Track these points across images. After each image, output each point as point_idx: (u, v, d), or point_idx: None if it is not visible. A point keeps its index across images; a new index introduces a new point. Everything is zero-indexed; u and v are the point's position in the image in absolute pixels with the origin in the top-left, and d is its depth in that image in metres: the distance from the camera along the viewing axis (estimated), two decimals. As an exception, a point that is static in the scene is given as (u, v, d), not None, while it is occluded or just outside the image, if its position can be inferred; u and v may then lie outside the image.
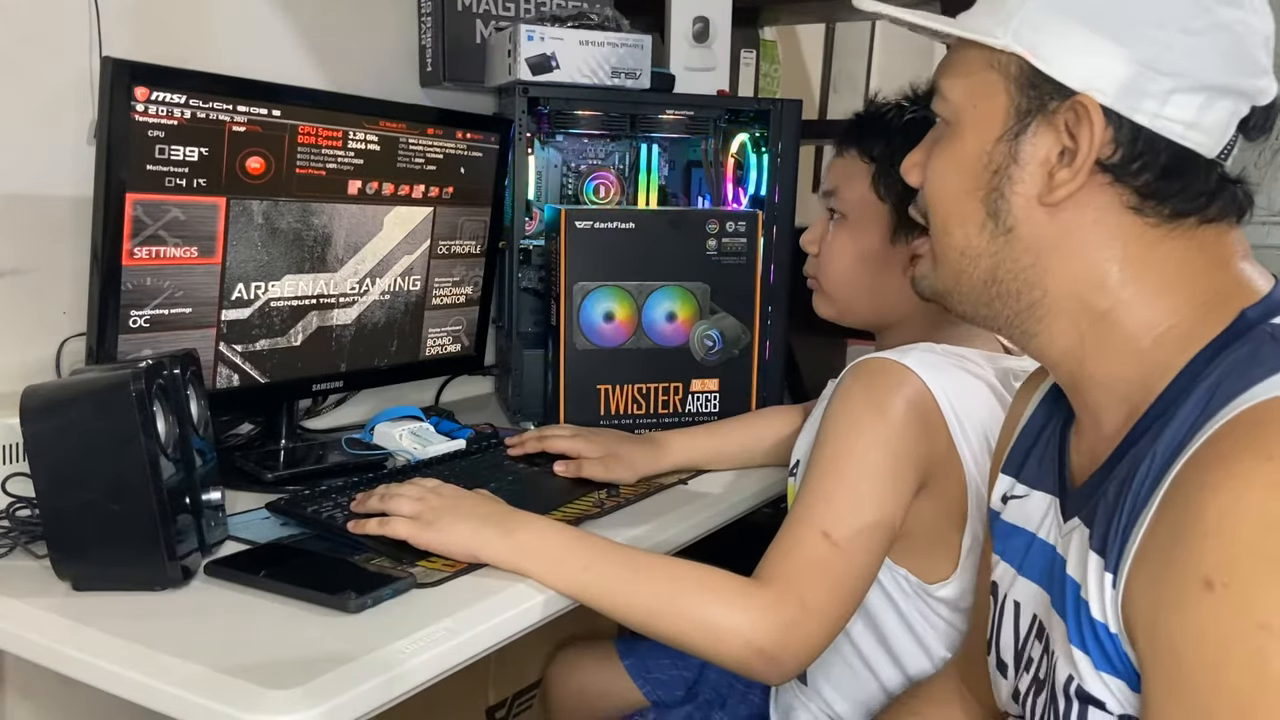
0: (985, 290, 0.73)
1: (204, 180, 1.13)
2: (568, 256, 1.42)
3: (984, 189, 0.71)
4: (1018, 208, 0.70)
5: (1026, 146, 0.69)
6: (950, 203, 0.73)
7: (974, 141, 0.71)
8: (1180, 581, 0.57)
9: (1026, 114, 0.68)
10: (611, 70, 1.55)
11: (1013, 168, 0.69)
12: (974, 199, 0.71)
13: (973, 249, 0.72)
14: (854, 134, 1.20)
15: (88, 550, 0.89)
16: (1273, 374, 0.60)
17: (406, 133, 1.34)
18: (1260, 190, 2.48)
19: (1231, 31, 0.66)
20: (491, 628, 0.89)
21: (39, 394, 0.89)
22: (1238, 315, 0.66)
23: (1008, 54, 0.68)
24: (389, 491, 1.01)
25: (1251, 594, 0.54)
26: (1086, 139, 0.66)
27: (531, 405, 1.57)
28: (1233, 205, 0.69)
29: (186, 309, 1.16)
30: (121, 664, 0.79)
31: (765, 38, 2.26)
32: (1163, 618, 0.59)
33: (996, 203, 0.70)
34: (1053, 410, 0.83)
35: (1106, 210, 0.68)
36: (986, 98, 0.70)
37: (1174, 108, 0.65)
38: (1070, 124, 0.67)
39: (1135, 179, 0.66)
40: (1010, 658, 0.81)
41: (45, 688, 1.25)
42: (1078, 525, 0.71)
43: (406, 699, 0.81)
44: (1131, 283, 0.68)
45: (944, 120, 0.74)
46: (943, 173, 0.74)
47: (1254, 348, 0.63)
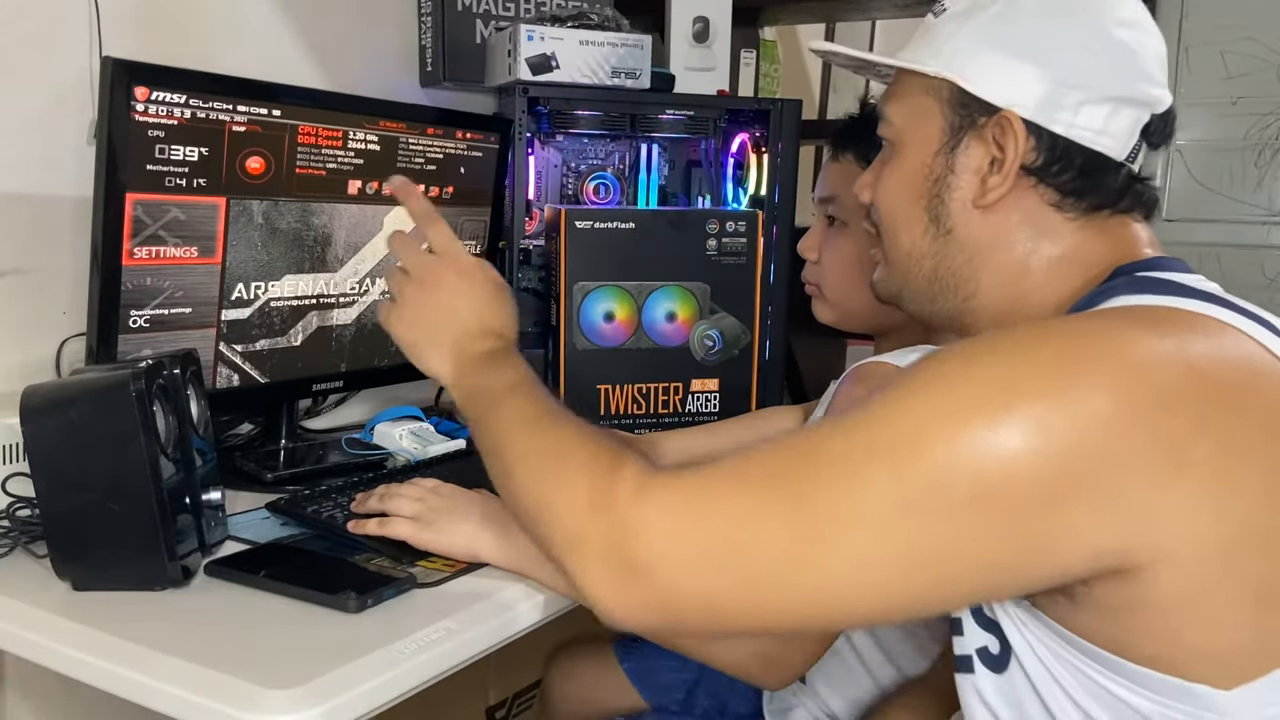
0: (929, 287, 0.83)
1: (204, 180, 1.13)
2: (568, 256, 1.42)
3: (926, 197, 0.81)
4: (955, 211, 0.80)
5: (960, 157, 0.79)
6: (897, 211, 0.83)
7: (915, 156, 0.81)
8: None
9: (959, 130, 0.78)
10: (611, 70, 1.55)
11: (950, 176, 0.79)
12: (918, 206, 0.81)
13: (917, 250, 0.82)
14: (849, 138, 1.20)
15: (88, 550, 0.89)
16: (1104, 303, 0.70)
17: (406, 133, 1.34)
18: (1260, 190, 2.47)
19: (1128, 49, 0.76)
20: (491, 628, 0.89)
21: (39, 394, 0.89)
22: (1112, 272, 0.75)
23: (940, 80, 0.79)
24: (389, 492, 1.01)
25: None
26: (1012, 148, 0.76)
27: (531, 405, 1.56)
28: (1140, 201, 0.78)
29: (186, 309, 1.16)
30: (121, 664, 0.79)
31: (765, 38, 2.26)
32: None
33: (937, 208, 0.80)
34: None
35: (1031, 209, 0.78)
36: (924, 119, 0.80)
37: (1084, 117, 0.75)
38: (997, 136, 0.76)
39: (1055, 179, 0.76)
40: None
41: (45, 688, 1.25)
42: None
43: (406, 699, 0.81)
44: (1048, 269, 0.78)
45: (889, 142, 0.84)
46: (891, 187, 0.83)
47: (1106, 289, 0.72)
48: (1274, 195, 2.18)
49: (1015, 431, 0.59)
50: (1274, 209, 2.18)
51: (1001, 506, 0.59)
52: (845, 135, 1.21)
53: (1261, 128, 2.17)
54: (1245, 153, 2.20)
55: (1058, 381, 0.61)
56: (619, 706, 1.40)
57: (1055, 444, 0.59)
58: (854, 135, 1.19)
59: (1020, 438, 0.59)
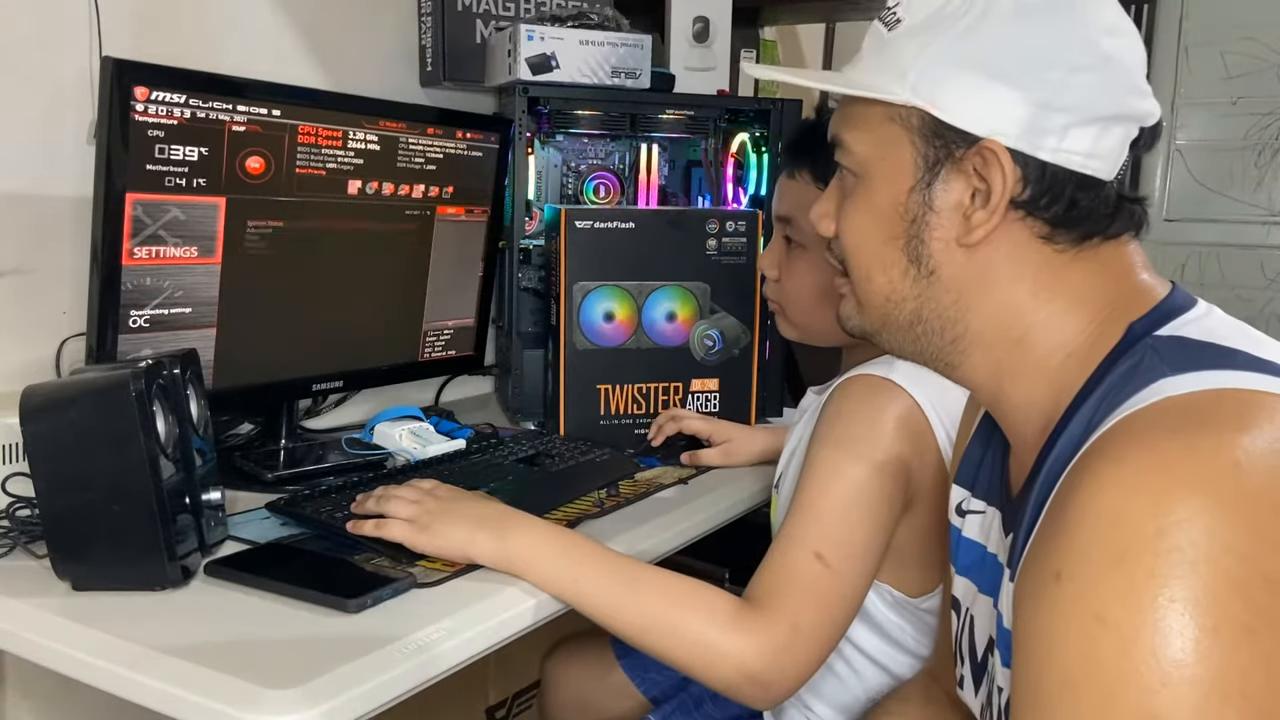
0: (911, 329, 0.76)
1: (204, 180, 1.13)
2: (568, 256, 1.42)
3: (903, 237, 0.73)
4: (937, 251, 0.72)
5: (939, 193, 0.71)
6: (870, 252, 0.75)
7: (886, 192, 0.73)
8: (1037, 576, 0.61)
9: (935, 163, 0.71)
10: (611, 70, 1.55)
11: (929, 214, 0.72)
12: (894, 247, 0.73)
13: (897, 293, 0.75)
14: (804, 155, 1.14)
15: (88, 550, 0.89)
16: (1143, 388, 0.63)
17: (406, 132, 1.34)
18: (1260, 190, 2.47)
19: (1116, 61, 0.69)
20: (491, 628, 0.89)
21: (39, 394, 0.89)
22: (1126, 329, 0.69)
23: (908, 107, 0.70)
24: (386, 493, 1.01)
25: (1090, 586, 0.57)
26: (999, 181, 0.68)
27: (531, 405, 1.57)
28: (1131, 220, 0.72)
29: (186, 309, 1.16)
30: (121, 664, 0.79)
31: (765, 38, 2.26)
32: (1021, 610, 0.63)
33: (917, 249, 0.73)
34: (994, 426, 0.84)
35: (1019, 243, 0.71)
36: (892, 150, 0.72)
37: (1072, 140, 0.68)
38: (979, 167, 0.69)
39: (1045, 211, 0.70)
40: (969, 671, 0.82)
41: (45, 688, 1.25)
42: (1010, 538, 0.74)
43: (406, 699, 0.81)
44: (1043, 307, 0.71)
45: (850, 172, 0.76)
46: (859, 224, 0.75)
47: (1135, 362, 0.66)
48: (1274, 195, 2.18)
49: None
50: (1274, 209, 2.18)
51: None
52: (798, 150, 1.15)
53: (1261, 128, 2.17)
54: (1245, 153, 2.20)
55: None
56: (617, 702, 1.41)
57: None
58: (808, 149, 1.13)
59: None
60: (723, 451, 1.38)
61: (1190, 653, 0.53)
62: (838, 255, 0.79)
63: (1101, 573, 0.56)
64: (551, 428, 1.47)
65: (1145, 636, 0.54)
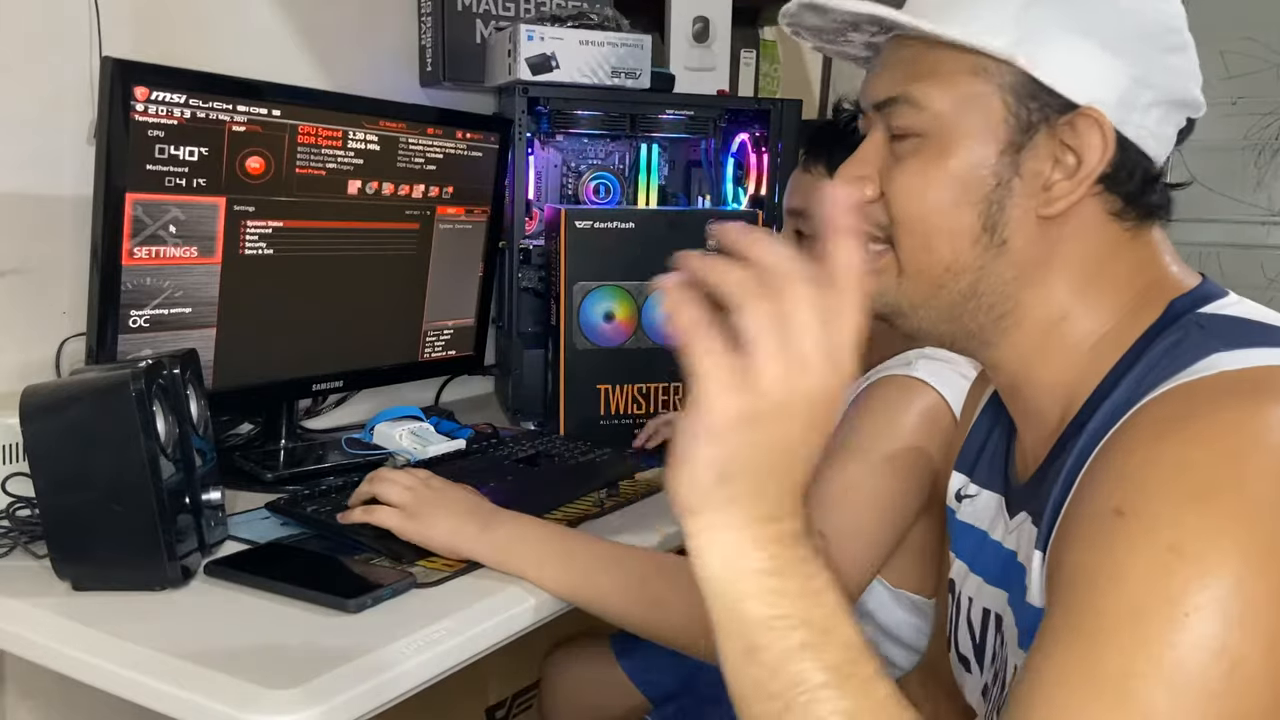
0: (962, 305, 0.71)
1: (204, 180, 1.13)
2: (568, 256, 1.42)
3: (982, 203, 0.69)
4: (1015, 220, 0.69)
5: (1029, 159, 0.68)
6: (937, 217, 0.70)
7: (967, 154, 0.68)
8: (1091, 515, 0.59)
9: (1028, 127, 0.67)
10: (611, 70, 1.55)
11: (1015, 181, 0.68)
12: (969, 212, 0.69)
13: (959, 263, 0.70)
14: (821, 149, 1.14)
15: (88, 550, 0.89)
16: (1195, 361, 0.62)
17: (406, 132, 1.34)
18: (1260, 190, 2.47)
19: (1192, 49, 0.70)
20: (491, 628, 0.89)
21: (39, 394, 0.89)
22: (1166, 307, 0.68)
23: (1000, 62, 0.67)
24: (379, 475, 1.02)
25: (1162, 519, 0.55)
26: (1096, 151, 0.66)
27: (531, 405, 1.57)
28: (1169, 206, 0.72)
29: (186, 309, 1.16)
30: (121, 664, 0.79)
31: (765, 38, 2.26)
32: (1070, 548, 0.60)
33: (995, 216, 0.69)
34: (997, 413, 0.84)
35: (1088, 219, 0.69)
36: (978, 108, 0.68)
37: (1151, 119, 0.68)
38: (1067, 136, 0.67)
39: (1123, 187, 0.68)
40: (970, 653, 0.82)
41: (45, 688, 1.25)
42: (1025, 520, 0.74)
43: (406, 699, 0.81)
44: (1089, 287, 0.70)
45: (911, 131, 0.70)
46: (923, 187, 0.70)
47: (1180, 337, 0.65)
48: (1274, 195, 2.18)
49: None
50: (1274, 209, 2.18)
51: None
52: (817, 143, 1.16)
53: (1261, 128, 2.17)
54: (1245, 153, 2.20)
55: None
56: (618, 704, 1.40)
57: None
58: (826, 145, 1.14)
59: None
60: None
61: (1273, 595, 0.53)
62: (877, 221, 0.72)
63: (1177, 508, 0.55)
64: (551, 428, 1.47)
65: (1229, 569, 0.53)
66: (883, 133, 0.72)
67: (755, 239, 0.55)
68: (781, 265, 0.53)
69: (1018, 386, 0.75)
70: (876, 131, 0.73)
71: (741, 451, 0.53)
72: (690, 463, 0.54)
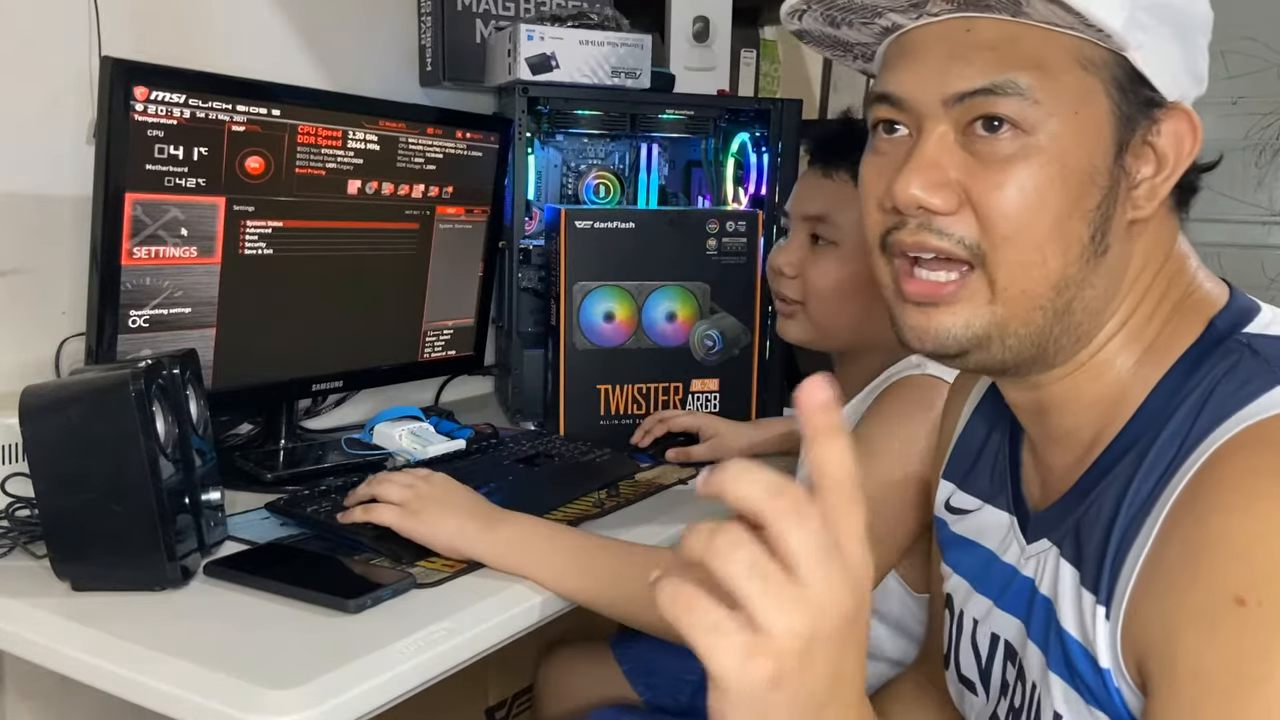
0: (1053, 325, 0.64)
1: (203, 180, 1.13)
2: (568, 256, 1.42)
3: (1095, 210, 0.62)
4: (1117, 227, 0.63)
5: (1130, 160, 0.63)
6: (1049, 226, 0.62)
7: (1080, 155, 0.61)
8: (1205, 602, 0.55)
9: (1133, 124, 0.62)
10: (611, 70, 1.55)
11: (1123, 183, 0.63)
12: (1081, 222, 0.62)
13: (1066, 279, 0.63)
14: (842, 154, 1.13)
15: (87, 550, 0.89)
16: (1266, 390, 0.59)
17: (406, 132, 1.34)
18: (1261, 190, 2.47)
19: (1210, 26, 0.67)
20: (491, 628, 0.89)
21: (39, 394, 0.89)
22: (1207, 325, 0.64)
23: (1106, 53, 0.61)
24: (378, 478, 1.02)
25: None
26: (1186, 148, 0.63)
27: (531, 405, 1.57)
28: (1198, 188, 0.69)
29: (186, 309, 1.16)
30: (121, 664, 0.79)
31: (765, 37, 2.26)
32: (1184, 638, 0.56)
33: (1104, 224, 0.62)
34: (992, 420, 0.80)
35: (1162, 218, 0.66)
36: (1090, 104, 0.61)
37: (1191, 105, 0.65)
38: (1152, 133, 0.63)
39: (1186, 179, 0.65)
40: (975, 676, 0.79)
41: (45, 688, 1.25)
42: (1048, 549, 0.70)
43: (406, 699, 0.81)
44: (1149, 294, 0.66)
45: (1018, 124, 0.61)
46: (1039, 194, 0.61)
47: (1234, 362, 0.61)
48: (1274, 195, 2.18)
49: None
50: (1274, 209, 2.18)
51: None
52: (836, 149, 1.15)
53: (1262, 128, 2.17)
54: (1246, 153, 2.20)
55: None
56: None
57: None
58: (846, 149, 1.12)
59: None
60: (711, 446, 1.38)
61: None
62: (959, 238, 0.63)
63: None
64: (551, 428, 1.47)
65: None
66: (952, 132, 0.63)
67: (735, 484, 0.44)
68: (763, 507, 0.43)
69: (1051, 406, 0.70)
70: (942, 129, 0.63)
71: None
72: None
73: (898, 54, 0.66)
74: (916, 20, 0.64)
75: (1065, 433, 0.70)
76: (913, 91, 0.64)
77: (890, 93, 0.65)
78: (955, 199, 0.63)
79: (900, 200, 0.63)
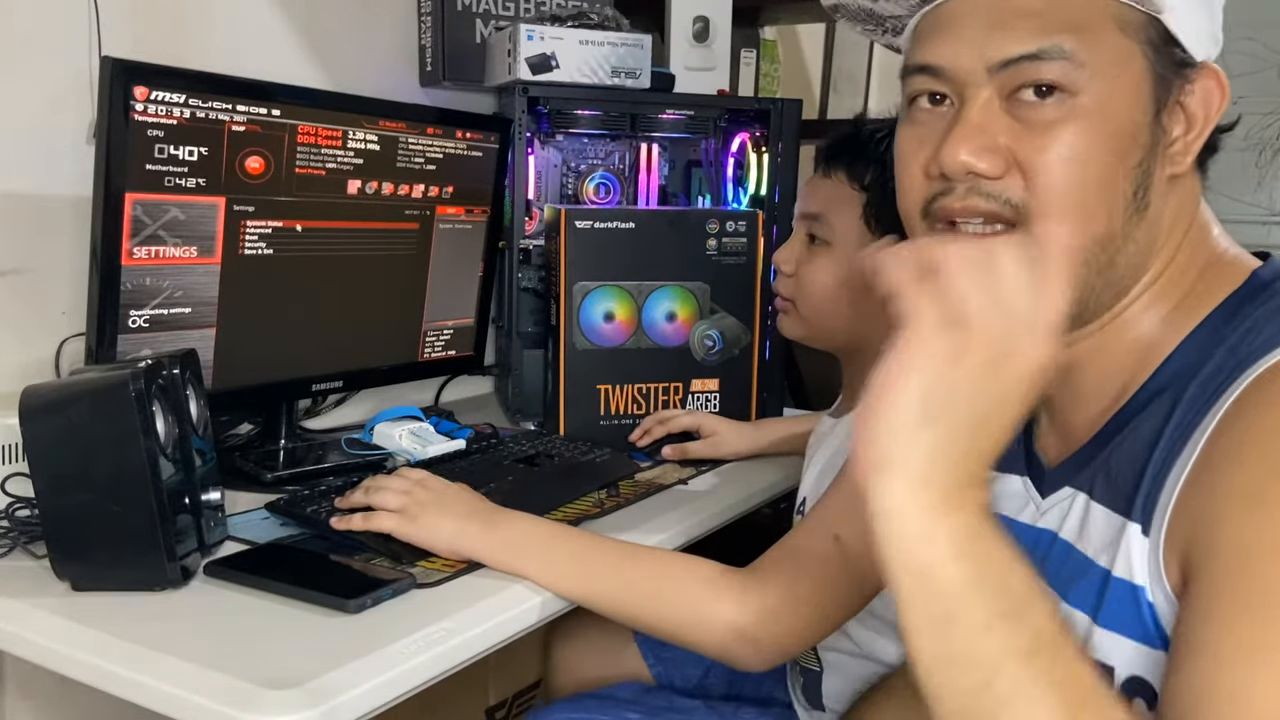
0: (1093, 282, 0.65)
1: (203, 180, 1.13)
2: (568, 256, 1.42)
3: (1138, 167, 0.64)
4: (1158, 183, 0.65)
5: (1166, 119, 0.65)
6: (1096, 185, 0.63)
7: (1122, 114, 0.63)
8: (1249, 480, 0.55)
9: (1169, 84, 0.64)
10: (611, 70, 1.55)
11: (1161, 141, 0.65)
12: (1126, 179, 0.64)
13: (1110, 234, 0.65)
14: (842, 156, 1.15)
15: (87, 550, 0.89)
16: None
17: (406, 132, 1.34)
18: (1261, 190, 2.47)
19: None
20: (491, 628, 0.89)
21: (38, 394, 0.89)
22: (1249, 275, 0.66)
23: (1141, 14, 0.63)
24: (374, 484, 1.02)
25: None
26: (1215, 108, 0.65)
27: (531, 405, 1.57)
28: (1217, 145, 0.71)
29: (186, 309, 1.16)
30: (121, 664, 0.79)
31: (765, 37, 2.26)
32: (1229, 517, 0.56)
33: (1145, 181, 0.65)
34: None
35: (1190, 176, 0.68)
36: (1129, 66, 0.63)
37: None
38: (1184, 95, 0.65)
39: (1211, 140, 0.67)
40: None
41: (45, 688, 1.25)
42: (1071, 495, 0.70)
43: (406, 699, 0.81)
44: (1180, 248, 0.67)
45: (1066, 88, 0.63)
46: (1086, 153, 0.63)
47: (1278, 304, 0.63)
48: (1274, 195, 2.18)
49: None
50: (1274, 209, 2.17)
51: None
52: (838, 151, 1.16)
53: (1262, 128, 2.17)
54: (1245, 153, 2.20)
55: None
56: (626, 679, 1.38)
57: None
58: (847, 152, 1.15)
59: None
60: (709, 444, 1.39)
61: None
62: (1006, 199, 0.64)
63: None
64: (551, 428, 1.47)
65: None
66: (996, 98, 0.65)
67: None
68: (995, 245, 0.54)
69: (1078, 364, 0.70)
70: (985, 96, 0.64)
71: (946, 388, 0.53)
72: (891, 402, 0.53)
73: (934, 25, 0.68)
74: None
75: (1091, 389, 0.70)
76: (955, 60, 0.65)
77: (930, 63, 0.67)
78: (1003, 163, 0.64)
79: (949, 166, 0.65)
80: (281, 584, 0.90)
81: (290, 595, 0.89)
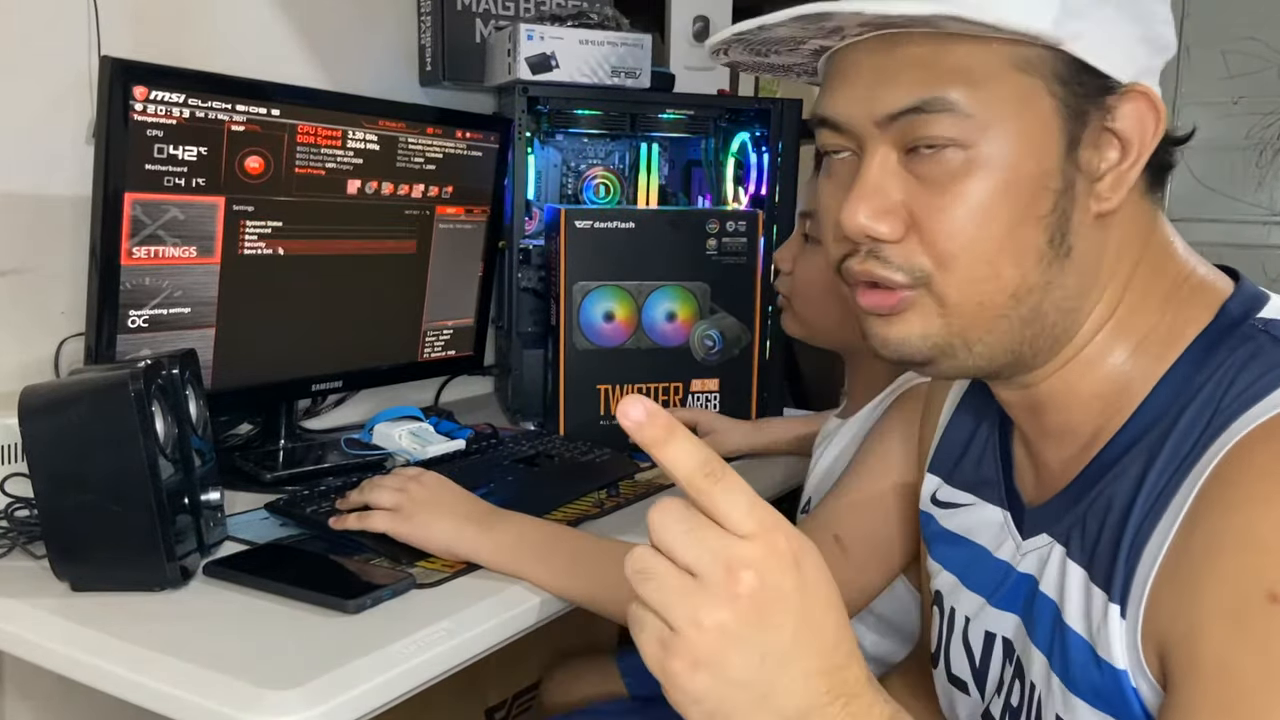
0: (1024, 330, 0.62)
1: (203, 180, 1.13)
2: (568, 256, 1.42)
3: (1047, 214, 0.60)
4: (1079, 225, 0.61)
5: (1085, 154, 0.60)
6: (999, 240, 0.60)
7: (1028, 161, 0.59)
8: (1234, 598, 0.53)
9: (1081, 116, 0.59)
10: (611, 70, 1.55)
11: (1078, 181, 0.60)
12: (1034, 228, 0.60)
13: (1026, 286, 0.61)
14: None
15: (87, 551, 0.89)
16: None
17: (406, 132, 1.34)
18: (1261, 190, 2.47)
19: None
20: (491, 628, 0.89)
21: (38, 394, 0.89)
22: (1218, 312, 0.63)
23: (1043, 49, 0.58)
24: (370, 484, 1.02)
25: None
26: (1149, 132, 0.60)
27: (531, 405, 1.57)
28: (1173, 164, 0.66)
29: (185, 309, 1.16)
30: (120, 664, 0.79)
31: (765, 37, 2.26)
32: (1211, 635, 0.54)
33: (1062, 226, 0.60)
34: (980, 412, 0.79)
35: (1132, 203, 0.63)
36: (1031, 107, 0.59)
37: (1156, 77, 0.62)
38: (1111, 120, 0.60)
39: (1157, 158, 0.62)
40: (968, 676, 0.78)
41: (45, 688, 1.25)
42: (1049, 545, 0.68)
43: (406, 699, 0.81)
44: (1135, 280, 0.64)
45: (953, 142, 0.59)
46: (984, 211, 0.59)
47: (1254, 350, 0.59)
48: (1274, 195, 2.18)
49: None
50: (1274, 209, 2.18)
51: None
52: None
53: (1263, 127, 2.17)
54: (1246, 153, 2.20)
55: None
56: None
57: None
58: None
59: None
60: (709, 441, 1.37)
61: None
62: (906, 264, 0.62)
63: None
64: (551, 428, 1.47)
65: None
66: (894, 153, 0.61)
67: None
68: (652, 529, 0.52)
69: (1045, 403, 0.68)
70: (883, 151, 0.61)
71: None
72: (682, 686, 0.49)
73: (832, 73, 0.65)
74: (841, 42, 0.63)
75: (1062, 428, 0.68)
76: (847, 113, 0.63)
77: (828, 116, 0.64)
78: (901, 224, 0.61)
79: (848, 230, 0.62)
80: (281, 584, 0.90)
81: (290, 596, 0.89)
